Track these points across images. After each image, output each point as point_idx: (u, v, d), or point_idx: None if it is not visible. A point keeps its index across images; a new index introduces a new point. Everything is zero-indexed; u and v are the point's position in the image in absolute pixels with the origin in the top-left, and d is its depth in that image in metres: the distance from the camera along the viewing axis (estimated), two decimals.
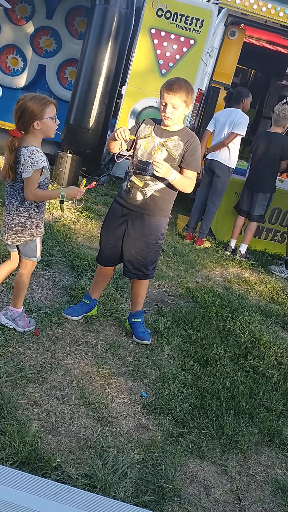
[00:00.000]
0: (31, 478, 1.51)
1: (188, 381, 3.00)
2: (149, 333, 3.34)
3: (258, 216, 5.66)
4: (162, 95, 2.94)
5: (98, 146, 7.13)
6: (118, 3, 6.67)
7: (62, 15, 8.97)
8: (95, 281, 3.41)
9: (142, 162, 3.02)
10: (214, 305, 4.05)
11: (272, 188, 5.65)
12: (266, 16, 6.09)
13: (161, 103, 2.97)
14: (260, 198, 5.58)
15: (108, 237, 3.25)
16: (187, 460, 2.41)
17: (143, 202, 3.07)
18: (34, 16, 9.04)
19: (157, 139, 3.01)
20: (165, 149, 2.99)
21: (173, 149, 2.98)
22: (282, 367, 3.43)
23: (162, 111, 2.97)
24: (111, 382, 2.81)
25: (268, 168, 5.52)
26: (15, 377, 2.60)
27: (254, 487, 2.39)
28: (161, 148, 2.99)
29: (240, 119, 5.41)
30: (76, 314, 3.33)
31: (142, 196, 3.05)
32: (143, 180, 3.02)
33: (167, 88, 2.91)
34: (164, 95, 2.92)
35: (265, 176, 5.56)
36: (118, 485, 2.11)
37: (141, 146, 3.05)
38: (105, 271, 3.35)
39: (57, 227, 4.81)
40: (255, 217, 5.65)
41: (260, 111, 9.81)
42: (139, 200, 3.07)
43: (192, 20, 6.15)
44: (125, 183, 3.14)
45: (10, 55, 9.25)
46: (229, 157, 5.50)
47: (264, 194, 5.58)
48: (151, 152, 3.01)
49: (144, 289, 3.36)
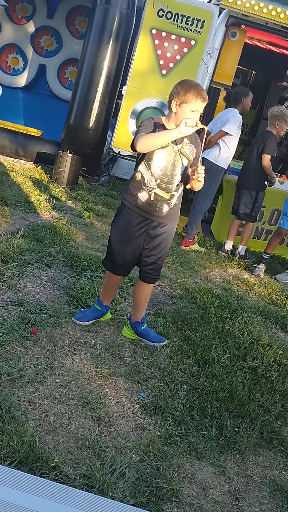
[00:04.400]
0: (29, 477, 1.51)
1: (187, 381, 3.00)
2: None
3: (244, 215, 5.57)
4: (197, 104, 2.73)
5: (98, 146, 7.13)
6: (119, 3, 6.67)
7: (63, 15, 8.97)
8: (107, 288, 3.31)
9: (168, 174, 2.90)
10: (213, 306, 4.05)
11: (258, 185, 5.50)
12: (267, 17, 6.09)
13: (192, 111, 2.74)
14: (245, 196, 5.51)
15: (125, 248, 3.09)
16: (185, 461, 2.41)
17: (169, 213, 3.00)
18: (35, 16, 9.05)
19: (174, 147, 2.87)
20: (184, 156, 2.90)
21: (189, 154, 2.92)
22: (280, 368, 3.43)
23: (191, 118, 2.73)
24: (109, 382, 2.81)
25: (254, 164, 5.47)
26: (14, 376, 2.60)
27: (252, 488, 2.39)
28: (181, 156, 2.89)
29: (230, 118, 5.40)
30: (86, 319, 3.29)
31: (168, 207, 2.98)
32: (169, 192, 2.94)
33: (203, 97, 2.73)
34: (200, 104, 2.74)
35: (249, 172, 5.53)
36: (116, 485, 2.11)
37: (163, 156, 2.87)
38: (118, 279, 3.27)
39: (56, 227, 4.80)
40: (241, 215, 5.60)
41: (260, 112, 9.80)
42: (165, 212, 2.99)
43: (193, 21, 6.15)
44: (143, 194, 2.95)
45: (11, 55, 9.25)
46: (218, 156, 5.45)
47: (248, 191, 5.49)
48: (174, 163, 2.89)
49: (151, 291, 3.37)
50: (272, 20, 6.12)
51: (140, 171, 2.95)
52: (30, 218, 5.01)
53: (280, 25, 6.21)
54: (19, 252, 3.94)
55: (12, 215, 4.91)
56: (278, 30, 6.35)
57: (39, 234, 4.44)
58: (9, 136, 7.15)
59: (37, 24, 9.09)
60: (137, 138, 2.77)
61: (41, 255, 4.08)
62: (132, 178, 3.02)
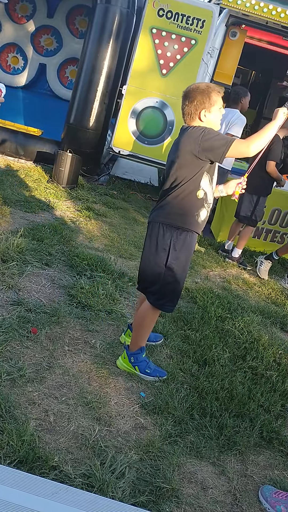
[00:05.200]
0: (28, 477, 1.51)
1: (187, 381, 3.00)
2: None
3: (243, 217, 5.53)
4: (220, 99, 2.68)
5: (98, 146, 7.13)
6: (119, 3, 6.66)
7: (63, 14, 8.97)
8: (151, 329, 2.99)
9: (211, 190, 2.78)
10: (213, 305, 4.05)
11: (260, 190, 5.42)
12: (267, 17, 6.09)
13: (220, 107, 2.69)
14: (246, 199, 5.47)
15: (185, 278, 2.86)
16: (185, 461, 2.41)
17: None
18: (35, 15, 9.05)
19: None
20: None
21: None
22: (280, 368, 3.43)
23: (220, 114, 2.70)
24: (109, 382, 2.81)
25: (258, 169, 5.42)
26: (14, 376, 2.60)
27: (252, 488, 2.39)
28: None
29: (236, 119, 5.37)
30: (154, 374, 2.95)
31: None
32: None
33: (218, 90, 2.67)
34: (221, 97, 2.68)
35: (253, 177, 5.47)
36: (115, 485, 2.11)
37: (217, 166, 2.76)
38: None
39: (56, 226, 4.80)
40: (240, 217, 5.57)
41: (260, 112, 9.81)
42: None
43: (193, 21, 6.15)
44: (203, 212, 2.74)
45: (11, 54, 9.25)
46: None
47: (250, 195, 5.41)
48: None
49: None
50: (272, 19, 6.12)
51: (203, 188, 2.68)
52: (30, 217, 5.01)
53: (280, 25, 6.20)
54: (19, 251, 3.94)
55: (12, 214, 4.91)
56: (278, 29, 6.35)
57: (39, 234, 4.43)
58: (9, 136, 7.15)
59: (37, 23, 9.09)
60: (242, 144, 2.59)
61: (41, 255, 4.08)
62: (188, 198, 2.68)
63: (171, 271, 2.74)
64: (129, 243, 5.07)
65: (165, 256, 2.72)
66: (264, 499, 2.28)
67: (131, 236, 5.32)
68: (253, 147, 2.59)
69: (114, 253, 4.66)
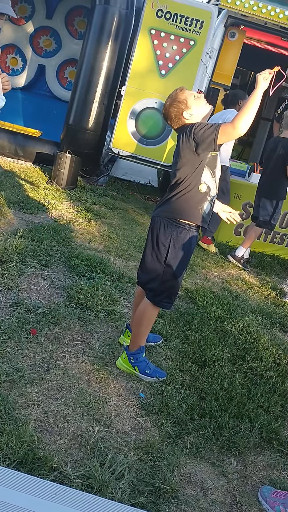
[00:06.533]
0: (28, 478, 1.51)
1: (186, 382, 3.00)
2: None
3: (262, 222, 5.52)
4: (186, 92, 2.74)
5: (97, 147, 7.12)
6: (118, 4, 6.66)
7: (62, 15, 8.97)
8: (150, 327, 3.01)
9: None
10: (213, 306, 4.05)
11: (279, 195, 5.42)
12: (266, 17, 6.08)
13: (192, 94, 2.74)
14: (265, 204, 5.45)
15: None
16: (185, 461, 2.41)
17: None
18: (34, 16, 9.04)
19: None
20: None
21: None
22: (280, 368, 3.43)
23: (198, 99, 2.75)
24: (109, 383, 2.81)
25: (274, 174, 5.37)
26: (13, 377, 2.60)
27: (252, 488, 2.39)
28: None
29: (231, 118, 5.36)
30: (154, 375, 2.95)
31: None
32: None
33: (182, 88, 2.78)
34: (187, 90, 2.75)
35: (271, 182, 5.44)
36: (115, 486, 2.11)
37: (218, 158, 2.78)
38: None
39: (55, 227, 4.80)
40: (260, 221, 5.54)
41: (259, 112, 9.82)
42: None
43: (192, 21, 6.14)
44: (206, 205, 2.75)
45: (10, 55, 9.25)
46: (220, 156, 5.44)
47: (270, 200, 5.41)
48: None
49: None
50: (271, 20, 6.12)
51: (205, 182, 2.70)
52: (30, 218, 5.01)
53: (279, 26, 6.20)
54: (18, 252, 3.94)
55: (11, 215, 4.91)
56: (277, 30, 6.35)
57: (39, 235, 4.43)
58: (8, 137, 7.15)
59: (36, 24, 9.09)
60: (227, 126, 2.59)
61: (41, 256, 4.08)
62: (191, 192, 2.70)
63: (170, 268, 2.78)
64: (128, 244, 5.07)
65: (165, 253, 2.77)
66: (264, 500, 2.28)
67: (131, 237, 5.32)
68: (240, 126, 2.57)
69: (113, 254, 4.66)
